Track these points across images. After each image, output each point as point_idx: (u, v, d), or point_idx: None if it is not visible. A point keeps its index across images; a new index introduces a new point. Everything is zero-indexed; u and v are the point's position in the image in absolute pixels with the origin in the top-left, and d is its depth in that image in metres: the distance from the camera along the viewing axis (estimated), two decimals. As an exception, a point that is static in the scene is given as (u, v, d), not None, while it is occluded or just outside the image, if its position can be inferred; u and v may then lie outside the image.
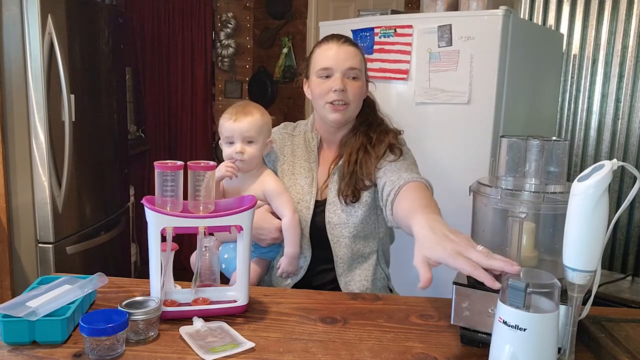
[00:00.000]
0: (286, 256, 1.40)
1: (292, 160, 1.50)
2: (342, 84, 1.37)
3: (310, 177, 1.47)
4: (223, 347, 0.97)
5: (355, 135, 1.46)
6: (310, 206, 1.43)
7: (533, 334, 0.79)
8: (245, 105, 1.42)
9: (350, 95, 1.39)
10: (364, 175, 1.40)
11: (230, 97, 4.11)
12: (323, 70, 1.40)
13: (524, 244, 0.98)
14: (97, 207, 2.67)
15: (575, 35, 2.89)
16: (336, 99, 1.38)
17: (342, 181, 1.41)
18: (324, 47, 1.43)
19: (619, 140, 2.82)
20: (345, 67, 1.38)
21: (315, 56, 1.44)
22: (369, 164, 1.41)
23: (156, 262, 1.07)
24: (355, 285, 1.43)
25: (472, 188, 1.09)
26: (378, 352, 0.98)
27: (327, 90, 1.39)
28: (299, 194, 1.45)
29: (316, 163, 1.49)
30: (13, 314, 0.95)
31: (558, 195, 0.98)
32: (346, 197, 1.40)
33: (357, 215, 1.41)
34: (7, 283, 2.25)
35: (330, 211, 1.42)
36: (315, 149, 1.49)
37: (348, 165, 1.42)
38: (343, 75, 1.38)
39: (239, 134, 1.38)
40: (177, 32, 3.96)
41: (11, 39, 2.18)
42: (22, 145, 2.24)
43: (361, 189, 1.40)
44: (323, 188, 1.47)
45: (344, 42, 1.42)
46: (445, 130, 2.15)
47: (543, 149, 1.03)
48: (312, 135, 1.51)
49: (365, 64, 1.47)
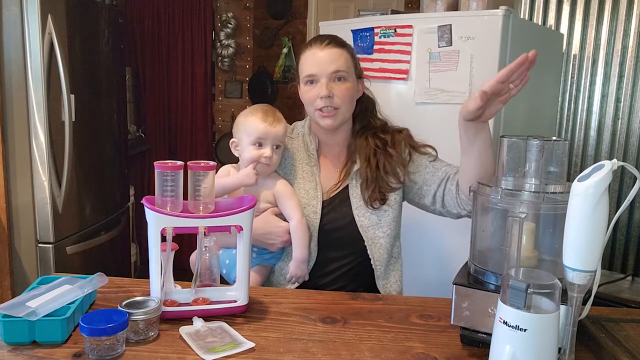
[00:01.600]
0: (295, 260, 1.38)
1: (292, 164, 1.49)
2: (327, 90, 1.35)
3: (313, 181, 1.45)
4: (223, 347, 0.97)
5: (364, 139, 1.45)
6: (317, 210, 1.42)
7: (533, 335, 0.79)
8: (274, 111, 1.41)
9: (338, 99, 1.37)
10: (389, 178, 1.41)
11: (230, 97, 4.11)
12: (308, 77, 1.39)
13: (524, 244, 0.98)
14: (97, 207, 2.67)
15: (575, 35, 2.89)
16: (323, 105, 1.36)
17: (367, 187, 1.41)
18: (307, 52, 1.41)
19: (619, 140, 2.82)
20: (329, 71, 1.36)
21: (301, 62, 1.42)
22: (392, 165, 1.42)
23: (156, 262, 1.07)
24: (392, 287, 1.43)
25: (472, 188, 1.09)
26: (378, 352, 0.98)
27: (315, 97, 1.37)
28: (304, 199, 1.43)
29: (317, 167, 1.47)
30: (13, 314, 0.95)
31: (558, 195, 0.98)
32: (374, 202, 1.40)
33: (388, 215, 1.42)
34: (7, 283, 2.25)
35: (359, 215, 1.41)
36: (315, 152, 1.48)
37: (370, 170, 1.41)
38: (329, 80, 1.36)
39: (273, 138, 1.37)
40: (177, 32, 3.96)
41: (11, 39, 2.18)
42: (22, 145, 2.24)
43: (388, 191, 1.41)
44: (331, 191, 1.45)
45: (327, 45, 1.38)
46: (445, 130, 2.13)
47: (543, 149, 1.03)
48: (310, 138, 1.50)
49: (354, 61, 1.43)
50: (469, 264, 1.07)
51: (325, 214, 1.43)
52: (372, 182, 1.40)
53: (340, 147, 1.49)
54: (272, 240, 1.38)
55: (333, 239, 1.43)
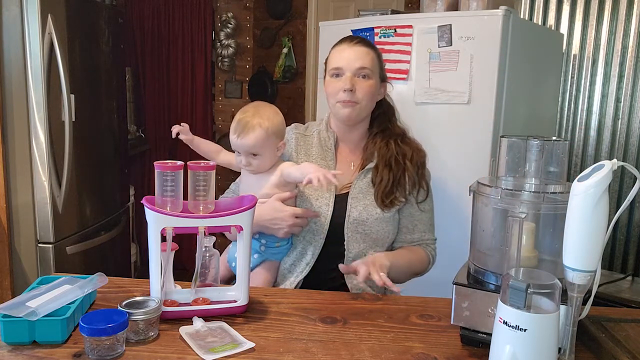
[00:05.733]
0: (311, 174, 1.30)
1: (306, 160, 1.51)
2: (350, 84, 1.41)
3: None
4: (223, 347, 0.97)
5: (385, 142, 1.48)
6: (330, 203, 1.44)
7: (534, 335, 0.79)
8: (253, 115, 1.36)
9: (360, 94, 1.42)
10: (402, 193, 1.46)
11: (230, 97, 4.11)
12: (334, 70, 1.45)
13: (524, 244, 0.98)
14: (97, 207, 2.67)
15: (575, 35, 2.89)
16: (345, 98, 1.42)
17: (382, 188, 1.43)
18: (337, 48, 1.48)
19: (619, 140, 2.82)
20: (355, 67, 1.42)
21: (330, 57, 1.49)
22: (406, 181, 1.46)
23: (156, 262, 1.07)
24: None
25: (472, 188, 1.09)
26: (378, 352, 0.98)
27: (338, 89, 1.43)
28: (316, 191, 1.46)
29: (334, 161, 1.51)
30: (13, 314, 0.95)
31: (558, 195, 0.98)
32: (384, 207, 1.43)
33: (376, 214, 1.43)
34: (7, 283, 2.25)
35: (352, 205, 1.44)
36: (332, 147, 1.52)
37: (388, 172, 1.44)
38: (353, 75, 1.42)
39: (243, 149, 1.37)
40: (177, 32, 3.95)
41: (11, 39, 2.18)
42: (22, 145, 2.24)
43: (398, 203, 1.45)
44: (343, 187, 1.48)
45: (357, 43, 1.46)
46: (445, 130, 2.15)
47: (543, 149, 1.03)
48: (327, 134, 1.54)
49: (380, 63, 1.49)
50: (469, 264, 1.07)
51: (337, 209, 1.45)
52: (389, 187, 1.44)
53: (355, 145, 1.53)
54: (278, 225, 1.39)
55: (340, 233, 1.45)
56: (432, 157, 1.56)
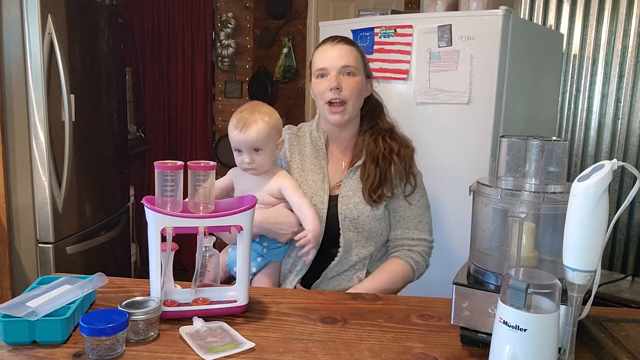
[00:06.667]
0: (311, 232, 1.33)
1: (300, 159, 1.52)
2: (336, 82, 1.42)
3: (321, 173, 1.49)
4: (223, 347, 0.97)
5: (373, 140, 1.48)
6: (324, 201, 1.45)
7: (534, 335, 0.79)
8: (252, 112, 1.37)
9: (346, 91, 1.43)
10: (389, 188, 1.45)
11: (230, 97, 4.11)
12: (319, 71, 1.46)
13: (524, 244, 0.98)
14: (97, 207, 2.67)
15: (575, 35, 2.89)
16: (332, 97, 1.43)
17: (369, 184, 1.43)
18: (320, 49, 1.50)
19: (619, 140, 2.82)
20: (339, 65, 1.43)
21: (314, 58, 1.51)
22: (393, 176, 1.45)
23: (156, 262, 1.07)
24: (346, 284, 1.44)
25: (472, 188, 1.09)
26: (378, 352, 0.98)
27: (324, 89, 1.44)
28: (311, 189, 1.47)
29: (325, 160, 1.51)
30: (13, 314, 0.95)
31: (558, 195, 0.98)
32: (372, 203, 1.43)
33: (366, 212, 1.44)
34: (7, 283, 2.25)
35: (343, 203, 1.45)
36: (324, 146, 1.52)
37: (375, 167, 1.44)
38: (338, 73, 1.43)
39: (245, 144, 1.36)
40: (177, 32, 3.95)
41: (11, 39, 2.18)
42: (22, 145, 2.24)
43: (385, 198, 1.45)
44: (335, 186, 1.49)
45: (339, 42, 1.48)
46: (445, 130, 2.15)
47: (543, 149, 1.03)
48: (318, 134, 1.55)
49: (364, 60, 1.50)
50: (469, 263, 1.07)
51: (331, 208, 1.45)
52: (377, 183, 1.44)
53: (346, 144, 1.54)
54: (283, 230, 1.39)
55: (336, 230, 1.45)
56: (432, 157, 1.57)
